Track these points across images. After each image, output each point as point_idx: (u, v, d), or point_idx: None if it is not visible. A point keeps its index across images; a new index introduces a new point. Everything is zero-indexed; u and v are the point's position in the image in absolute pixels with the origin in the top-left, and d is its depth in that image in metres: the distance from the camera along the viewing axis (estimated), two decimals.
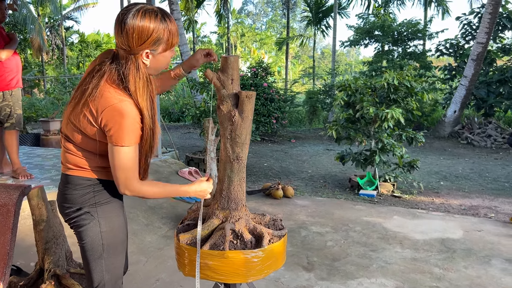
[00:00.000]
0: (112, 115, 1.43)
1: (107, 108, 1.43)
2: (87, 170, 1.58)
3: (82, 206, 1.58)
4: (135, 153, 1.50)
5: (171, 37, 1.51)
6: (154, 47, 1.48)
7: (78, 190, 1.58)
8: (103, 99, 1.44)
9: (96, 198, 1.59)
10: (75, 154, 1.57)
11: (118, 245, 1.67)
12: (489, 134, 10.42)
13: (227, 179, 1.86)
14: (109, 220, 1.62)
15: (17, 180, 4.01)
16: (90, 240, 1.60)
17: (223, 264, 1.69)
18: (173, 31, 1.51)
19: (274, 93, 10.24)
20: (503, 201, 5.27)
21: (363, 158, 5.68)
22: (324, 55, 52.88)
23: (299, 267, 3.16)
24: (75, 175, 1.58)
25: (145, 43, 1.45)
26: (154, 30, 1.44)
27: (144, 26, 1.43)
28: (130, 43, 1.44)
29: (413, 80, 5.37)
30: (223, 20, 26.76)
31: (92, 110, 1.46)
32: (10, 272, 2.49)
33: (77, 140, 1.55)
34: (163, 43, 1.50)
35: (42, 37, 21.30)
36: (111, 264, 1.65)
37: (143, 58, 1.49)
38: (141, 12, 1.43)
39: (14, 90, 3.97)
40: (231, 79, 1.82)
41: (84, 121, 1.48)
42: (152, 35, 1.45)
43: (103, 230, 1.60)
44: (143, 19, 1.43)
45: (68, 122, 1.55)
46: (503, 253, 3.44)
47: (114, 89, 1.46)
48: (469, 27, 12.68)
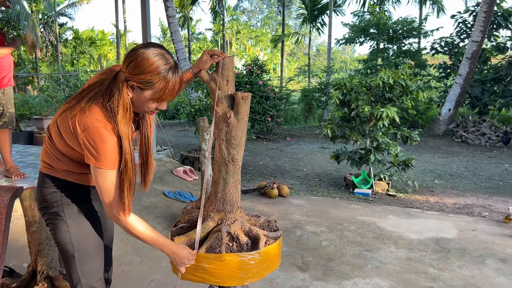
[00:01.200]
0: (93, 138, 1.42)
1: (89, 129, 1.42)
2: (57, 170, 1.61)
3: (51, 205, 1.62)
4: (117, 176, 1.49)
5: (164, 91, 1.44)
6: (142, 86, 1.43)
7: (48, 188, 1.62)
8: (89, 118, 1.43)
9: (63, 198, 1.62)
10: (51, 153, 1.60)
11: (90, 247, 1.68)
12: (483, 133, 10.47)
13: (222, 181, 1.84)
14: (77, 221, 1.63)
15: (10, 179, 3.96)
16: (60, 240, 1.63)
17: (219, 267, 1.68)
18: (170, 87, 1.45)
19: (269, 91, 10.22)
20: (497, 199, 5.29)
21: (358, 157, 5.68)
22: (319, 53, 52.89)
23: (294, 267, 3.15)
24: (47, 173, 1.62)
25: (136, 77, 1.41)
26: (151, 72, 1.40)
27: (147, 61, 1.40)
28: (127, 67, 1.42)
29: (408, 79, 5.38)
30: (218, 17, 26.67)
31: (77, 124, 1.44)
32: (3, 274, 2.47)
33: (56, 141, 1.56)
34: (153, 90, 1.44)
35: (36, 34, 21.12)
36: (87, 266, 1.67)
37: (128, 88, 1.45)
38: (157, 52, 1.42)
39: (6, 88, 3.93)
40: (226, 80, 1.80)
41: (67, 128, 1.48)
42: (145, 75, 1.41)
43: (71, 231, 1.62)
44: (152, 56, 1.40)
45: (55, 122, 1.56)
46: (497, 253, 3.45)
47: (103, 112, 1.45)
48: (464, 25, 12.73)
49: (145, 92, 1.44)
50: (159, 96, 1.45)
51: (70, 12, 27.95)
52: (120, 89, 1.44)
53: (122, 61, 1.46)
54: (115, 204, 1.50)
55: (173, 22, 13.23)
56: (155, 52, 1.42)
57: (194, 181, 5.41)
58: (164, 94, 1.45)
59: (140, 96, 1.46)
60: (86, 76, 13.53)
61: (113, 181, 1.47)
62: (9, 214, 1.83)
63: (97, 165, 1.44)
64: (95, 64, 31.44)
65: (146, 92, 1.44)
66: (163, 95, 1.45)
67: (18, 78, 18.99)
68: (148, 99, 1.46)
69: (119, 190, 1.50)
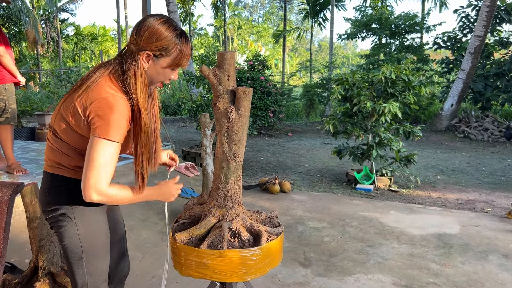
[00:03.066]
0: (101, 107, 1.38)
1: (97, 100, 1.39)
2: (66, 168, 1.54)
3: (59, 206, 1.55)
4: (115, 152, 1.42)
5: (179, 56, 1.49)
6: (158, 54, 1.46)
7: (55, 189, 1.55)
8: (95, 91, 1.41)
9: (72, 199, 1.54)
10: (57, 149, 1.54)
11: (99, 249, 1.63)
12: (486, 128, 10.43)
13: (223, 177, 1.83)
14: (87, 222, 1.58)
15: (12, 175, 3.97)
16: (68, 242, 1.57)
17: (221, 263, 1.67)
18: (184, 52, 1.49)
19: (271, 87, 10.19)
20: (500, 195, 5.27)
21: (360, 153, 5.67)
22: (321, 48, 52.75)
23: (296, 263, 3.15)
24: (54, 173, 1.55)
25: (151, 45, 1.44)
26: (165, 38, 1.44)
27: (158, 29, 1.43)
28: (139, 39, 1.44)
29: (410, 74, 5.34)
30: (220, 13, 26.61)
31: (83, 101, 1.42)
32: (4, 270, 2.47)
33: (62, 133, 1.50)
34: (169, 56, 1.47)
35: (37, 30, 21.13)
36: (93, 268, 1.62)
37: (143, 58, 1.46)
38: (164, 19, 1.46)
39: (8, 84, 3.93)
40: (227, 75, 1.78)
41: (73, 111, 1.44)
42: (161, 41, 1.44)
43: (80, 233, 1.56)
44: (162, 24, 1.44)
45: (57, 113, 1.51)
46: (499, 249, 3.44)
47: (112, 83, 1.44)
48: (466, 20, 12.65)
49: (161, 60, 1.47)
50: (176, 62, 1.49)
51: (71, 7, 27.91)
52: (136, 60, 1.45)
53: (131, 37, 1.46)
54: (100, 177, 1.38)
55: (174, 18, 13.18)
56: (162, 20, 1.45)
57: (195, 177, 5.41)
58: (181, 59, 1.49)
59: (156, 66, 1.48)
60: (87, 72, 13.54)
61: (110, 154, 1.39)
62: (10, 210, 1.83)
63: (100, 134, 1.37)
64: (97, 60, 31.42)
65: (162, 60, 1.47)
66: (180, 60, 1.49)
67: None
68: (164, 67, 1.49)
69: (114, 165, 1.43)
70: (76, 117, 1.44)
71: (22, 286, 2.26)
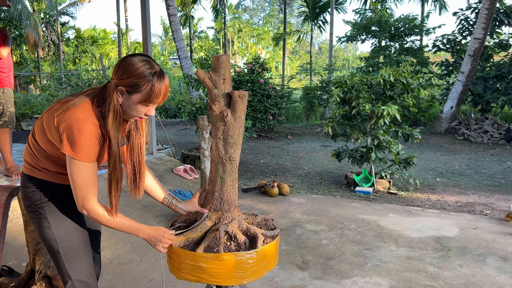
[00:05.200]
0: (70, 127, 1.47)
1: (68, 120, 1.48)
2: (36, 170, 1.66)
3: (32, 203, 1.66)
4: (91, 171, 1.52)
5: (150, 93, 1.53)
6: (130, 90, 1.52)
7: (28, 188, 1.66)
8: (71, 112, 1.49)
9: (42, 197, 1.65)
10: (32, 152, 1.65)
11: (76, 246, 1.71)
12: (485, 130, 10.43)
13: (219, 180, 1.83)
14: (58, 219, 1.67)
15: (11, 178, 3.97)
16: (43, 237, 1.68)
17: (217, 266, 1.67)
18: (156, 90, 1.53)
19: (271, 89, 10.20)
20: (499, 197, 5.27)
21: (359, 155, 5.67)
22: (321, 51, 52.81)
23: (294, 266, 3.14)
24: (26, 173, 1.67)
25: (124, 81, 1.51)
26: (137, 75, 1.50)
27: (133, 66, 1.51)
28: (115, 73, 1.54)
29: (409, 77, 5.35)
30: (220, 15, 26.65)
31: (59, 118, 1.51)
32: (2, 273, 2.47)
33: (39, 138, 1.60)
34: (139, 92, 1.52)
35: (38, 33, 21.15)
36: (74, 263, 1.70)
37: (118, 93, 1.53)
38: (143, 58, 1.54)
39: (6, 88, 3.94)
40: (223, 79, 1.79)
41: (50, 122, 1.54)
42: (132, 78, 1.50)
43: (52, 227, 1.66)
44: (138, 62, 1.52)
45: (40, 118, 1.62)
46: (498, 251, 3.44)
47: (89, 108, 1.53)
48: (466, 22, 12.66)
49: (133, 96, 1.53)
50: (146, 99, 1.53)
51: (72, 11, 28.03)
52: (111, 94, 1.53)
53: (112, 71, 1.57)
54: (85, 196, 1.52)
55: (174, 21, 13.20)
56: (141, 59, 1.53)
57: (194, 179, 5.41)
58: (151, 97, 1.53)
59: (129, 100, 1.54)
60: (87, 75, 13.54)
61: (86, 174, 1.51)
62: (6, 213, 1.83)
63: (72, 155, 1.48)
64: (97, 63, 31.47)
65: (134, 96, 1.53)
66: (149, 97, 1.53)
67: (20, 77, 19.02)
68: (136, 102, 1.54)
69: (94, 183, 1.54)
70: (53, 131, 1.54)
71: None
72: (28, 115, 10.19)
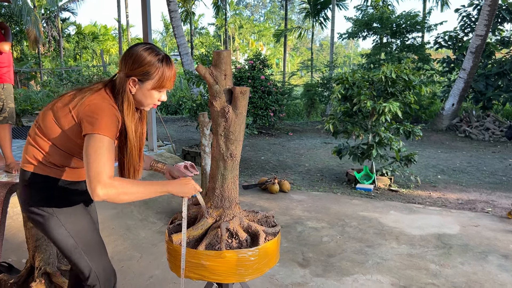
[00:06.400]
0: (93, 109, 1.48)
1: (89, 104, 1.50)
2: (41, 166, 1.58)
3: (35, 203, 1.59)
4: (109, 146, 1.44)
5: (162, 79, 1.59)
6: (142, 78, 1.57)
7: (29, 187, 1.60)
8: (90, 98, 1.52)
9: (46, 194, 1.59)
10: (37, 147, 1.58)
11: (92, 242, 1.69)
12: (487, 127, 10.40)
13: (220, 177, 1.82)
14: (67, 214, 1.63)
15: (11, 174, 3.96)
16: (56, 236, 1.62)
17: (219, 264, 1.66)
18: (166, 75, 1.59)
19: (272, 86, 10.17)
20: (500, 195, 5.25)
21: (360, 152, 5.65)
22: (322, 47, 52.71)
23: (294, 263, 3.13)
24: (30, 171, 1.59)
25: (135, 71, 1.55)
26: (147, 63, 1.55)
27: (141, 55, 1.55)
28: (125, 66, 1.57)
29: (411, 73, 5.32)
30: (221, 12, 26.58)
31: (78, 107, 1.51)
32: (1, 269, 2.46)
33: (48, 131, 1.56)
34: (152, 79, 1.58)
35: (38, 29, 21.11)
36: (94, 255, 1.69)
37: (130, 83, 1.57)
38: (147, 46, 1.59)
39: (6, 84, 3.92)
40: (224, 75, 1.77)
41: (68, 117, 1.52)
42: (143, 66, 1.55)
43: (66, 225, 1.62)
44: (145, 51, 1.56)
45: (48, 111, 1.57)
46: (499, 249, 3.42)
47: (107, 96, 1.56)
48: (468, 19, 12.61)
49: (146, 84, 1.58)
50: (159, 84, 1.59)
51: (73, 7, 27.91)
52: (123, 85, 1.57)
53: (119, 62, 1.61)
54: (101, 171, 1.38)
55: (175, 17, 13.16)
56: (145, 47, 1.58)
57: (195, 176, 5.38)
58: (163, 82, 1.59)
59: (142, 89, 1.59)
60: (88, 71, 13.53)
61: (105, 147, 1.42)
62: (5, 210, 1.82)
63: (92, 131, 1.43)
64: (98, 59, 31.43)
65: (147, 83, 1.58)
66: (162, 81, 1.59)
67: (20, 73, 18.99)
68: (150, 89, 1.59)
69: (112, 160, 1.45)
70: (70, 122, 1.52)
71: (18, 286, 2.25)
72: (29, 111, 10.16)
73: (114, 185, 1.39)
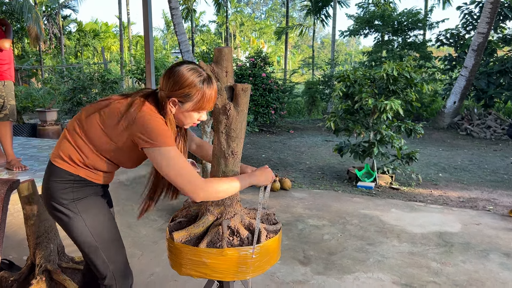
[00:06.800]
0: (147, 123, 1.49)
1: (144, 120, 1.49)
2: (75, 165, 1.58)
3: (62, 201, 1.58)
4: (179, 153, 1.52)
5: (202, 101, 1.56)
6: (182, 100, 1.56)
7: (58, 183, 1.59)
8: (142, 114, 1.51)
9: (74, 194, 1.60)
10: (77, 147, 1.58)
11: (111, 238, 1.69)
12: (488, 125, 10.38)
13: (221, 175, 1.80)
14: (91, 214, 1.63)
15: (12, 171, 3.96)
16: (79, 235, 1.62)
17: (221, 262, 1.65)
18: (207, 97, 1.56)
19: (273, 84, 10.16)
20: (502, 193, 5.24)
21: (362, 150, 5.64)
22: (324, 45, 52.62)
23: (295, 261, 3.13)
24: (60, 167, 1.59)
25: (176, 92, 1.54)
26: (188, 85, 1.53)
27: (183, 76, 1.53)
28: (166, 85, 1.55)
29: (412, 71, 5.30)
30: (222, 9, 26.54)
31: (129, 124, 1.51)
32: (2, 267, 2.46)
33: (92, 136, 1.56)
34: (192, 101, 1.56)
35: (39, 26, 21.09)
36: (112, 255, 1.69)
37: (170, 104, 1.57)
38: (190, 67, 1.56)
39: (6, 81, 3.91)
40: (225, 72, 1.76)
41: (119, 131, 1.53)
42: (184, 88, 1.53)
43: (88, 224, 1.61)
44: (187, 71, 1.54)
45: (94, 116, 1.57)
46: (501, 247, 3.41)
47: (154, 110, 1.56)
48: (470, 17, 12.57)
49: (186, 105, 1.57)
50: (199, 106, 1.58)
51: (74, 4, 27.99)
52: (166, 107, 1.57)
53: (160, 80, 1.59)
54: (192, 179, 1.49)
55: (176, 14, 13.13)
56: (188, 67, 1.55)
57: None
58: (203, 104, 1.57)
59: (182, 109, 1.58)
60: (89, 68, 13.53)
61: (179, 157, 1.49)
62: (5, 207, 1.81)
63: (157, 144, 1.47)
64: (99, 56, 31.41)
65: (187, 105, 1.57)
66: (202, 104, 1.57)
67: (21, 71, 18.99)
68: (189, 110, 1.59)
69: (188, 163, 1.52)
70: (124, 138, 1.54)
71: (19, 283, 2.24)
72: (30, 108, 10.17)
73: (209, 185, 1.52)
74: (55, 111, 8.29)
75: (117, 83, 9.08)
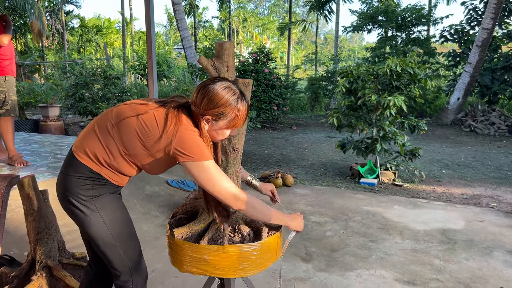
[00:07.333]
0: (184, 137, 1.51)
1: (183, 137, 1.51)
2: (99, 164, 1.58)
3: (81, 197, 1.58)
4: (217, 166, 1.56)
5: (236, 119, 1.57)
6: (216, 118, 1.56)
7: (78, 178, 1.58)
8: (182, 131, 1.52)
9: (93, 191, 1.60)
10: (106, 147, 1.57)
11: (128, 233, 1.72)
12: (492, 122, 10.32)
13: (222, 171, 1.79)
14: (108, 211, 1.64)
15: (13, 167, 3.96)
16: (96, 233, 1.63)
17: (222, 258, 1.64)
18: (241, 115, 1.58)
19: (276, 79, 10.12)
20: (506, 190, 5.20)
21: (364, 146, 5.61)
22: (327, 41, 52.42)
23: (297, 258, 3.11)
24: (83, 162, 1.58)
25: (210, 111, 1.54)
26: (223, 104, 1.53)
27: (218, 95, 1.53)
28: (200, 102, 1.54)
29: (416, 67, 5.26)
30: (225, 5, 26.43)
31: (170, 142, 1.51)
32: (3, 262, 2.46)
33: (127, 143, 1.55)
34: (226, 119, 1.56)
35: (42, 22, 21.06)
36: (129, 251, 1.71)
37: (204, 121, 1.57)
38: (225, 85, 1.55)
39: (8, 76, 3.90)
40: (226, 66, 1.74)
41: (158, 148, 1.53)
42: (219, 108, 1.53)
43: (106, 221, 1.63)
44: (222, 90, 1.53)
45: (131, 121, 1.55)
46: (505, 245, 3.39)
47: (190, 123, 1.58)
48: (474, 12, 12.48)
49: (220, 123, 1.57)
50: (233, 124, 1.59)
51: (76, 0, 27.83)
52: (200, 124, 1.58)
53: (194, 96, 1.58)
54: (233, 193, 1.55)
55: (178, 10, 13.09)
56: (223, 86, 1.55)
57: None
58: (237, 122, 1.59)
59: (215, 127, 1.58)
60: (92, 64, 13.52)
61: (216, 169, 1.54)
62: (5, 202, 1.80)
63: (196, 158, 1.50)
64: (101, 52, 31.40)
65: (221, 122, 1.57)
66: (236, 122, 1.59)
67: (24, 66, 19.01)
68: (222, 128, 1.59)
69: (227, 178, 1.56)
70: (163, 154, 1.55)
71: (19, 279, 2.24)
72: (32, 104, 10.15)
73: (246, 198, 1.58)
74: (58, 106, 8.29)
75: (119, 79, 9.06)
